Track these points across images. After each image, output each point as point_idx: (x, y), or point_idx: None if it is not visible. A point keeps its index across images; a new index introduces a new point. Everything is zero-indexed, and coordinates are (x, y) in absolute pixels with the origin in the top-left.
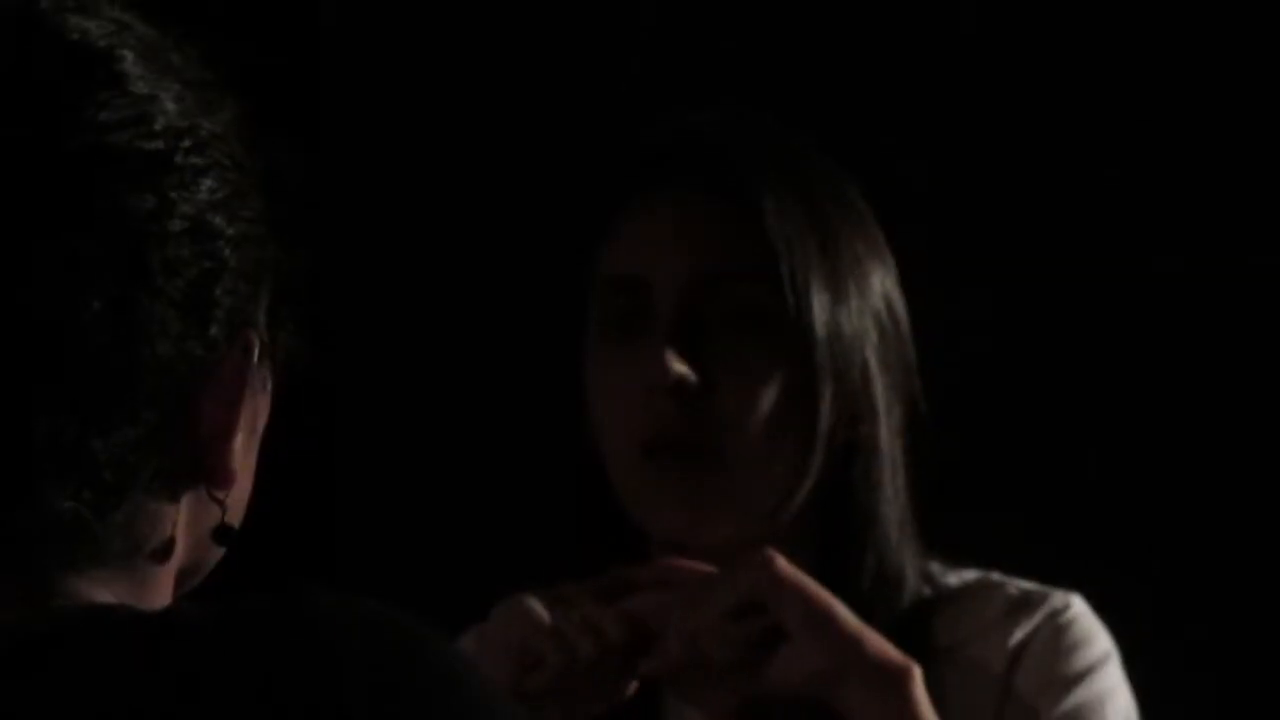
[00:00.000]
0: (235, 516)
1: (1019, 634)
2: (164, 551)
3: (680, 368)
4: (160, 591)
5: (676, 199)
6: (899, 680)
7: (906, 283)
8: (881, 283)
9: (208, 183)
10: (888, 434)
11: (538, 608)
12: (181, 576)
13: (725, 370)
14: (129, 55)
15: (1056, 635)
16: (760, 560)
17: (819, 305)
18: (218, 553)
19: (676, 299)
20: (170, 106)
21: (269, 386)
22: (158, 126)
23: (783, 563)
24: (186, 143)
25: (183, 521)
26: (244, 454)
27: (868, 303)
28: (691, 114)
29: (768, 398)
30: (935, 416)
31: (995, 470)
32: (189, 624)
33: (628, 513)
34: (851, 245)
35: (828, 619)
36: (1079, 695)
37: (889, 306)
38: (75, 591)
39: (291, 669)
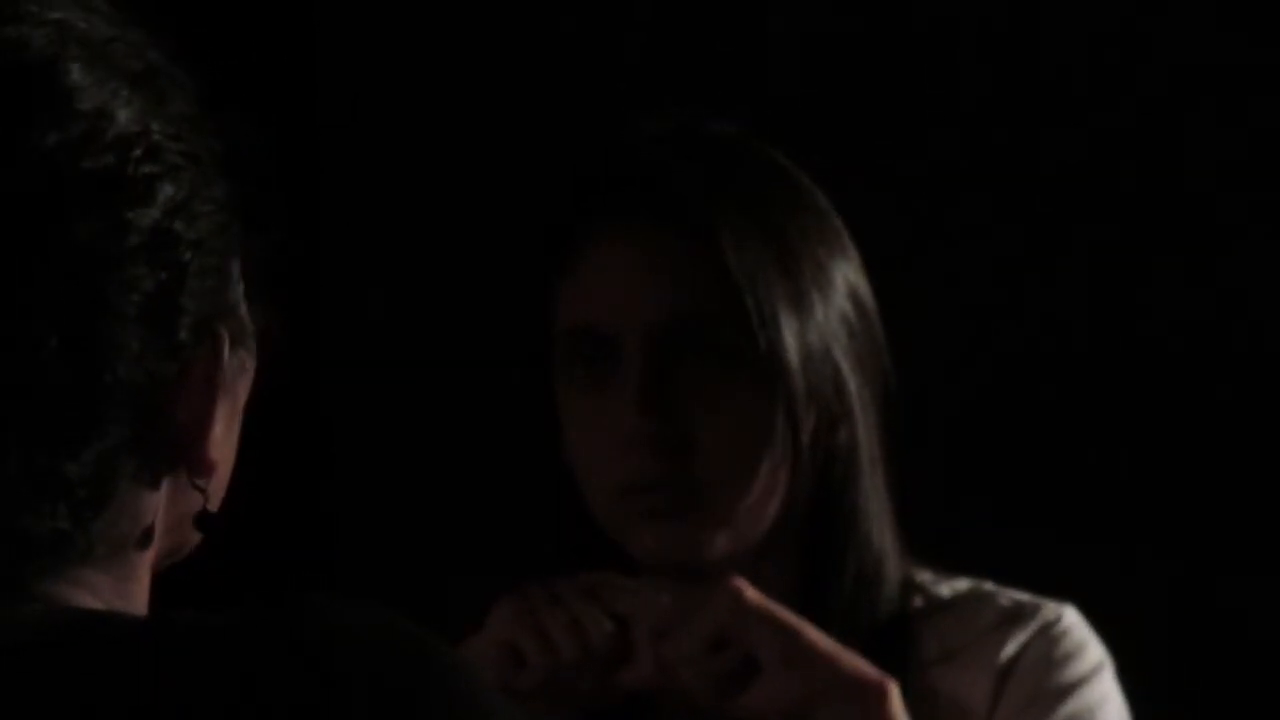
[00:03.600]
0: (216, 498)
1: (1011, 646)
2: (143, 541)
3: (653, 422)
4: (140, 579)
5: (633, 239)
6: (877, 697)
7: (899, 281)
8: (845, 278)
9: (165, 189)
10: (865, 433)
11: (527, 608)
12: (162, 557)
13: (699, 413)
14: (73, 66)
15: (1049, 647)
16: (727, 593)
17: (788, 333)
18: (198, 535)
19: (644, 349)
20: (119, 114)
21: (250, 366)
22: (106, 140)
23: (750, 594)
24: (138, 152)
25: (161, 507)
26: (223, 439)
27: (833, 306)
28: (634, 132)
29: (745, 433)
30: (927, 422)
31: (989, 476)
32: (186, 633)
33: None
34: (811, 252)
35: (799, 647)
36: (1070, 706)
37: (855, 299)
38: (57, 596)
39: (291, 678)
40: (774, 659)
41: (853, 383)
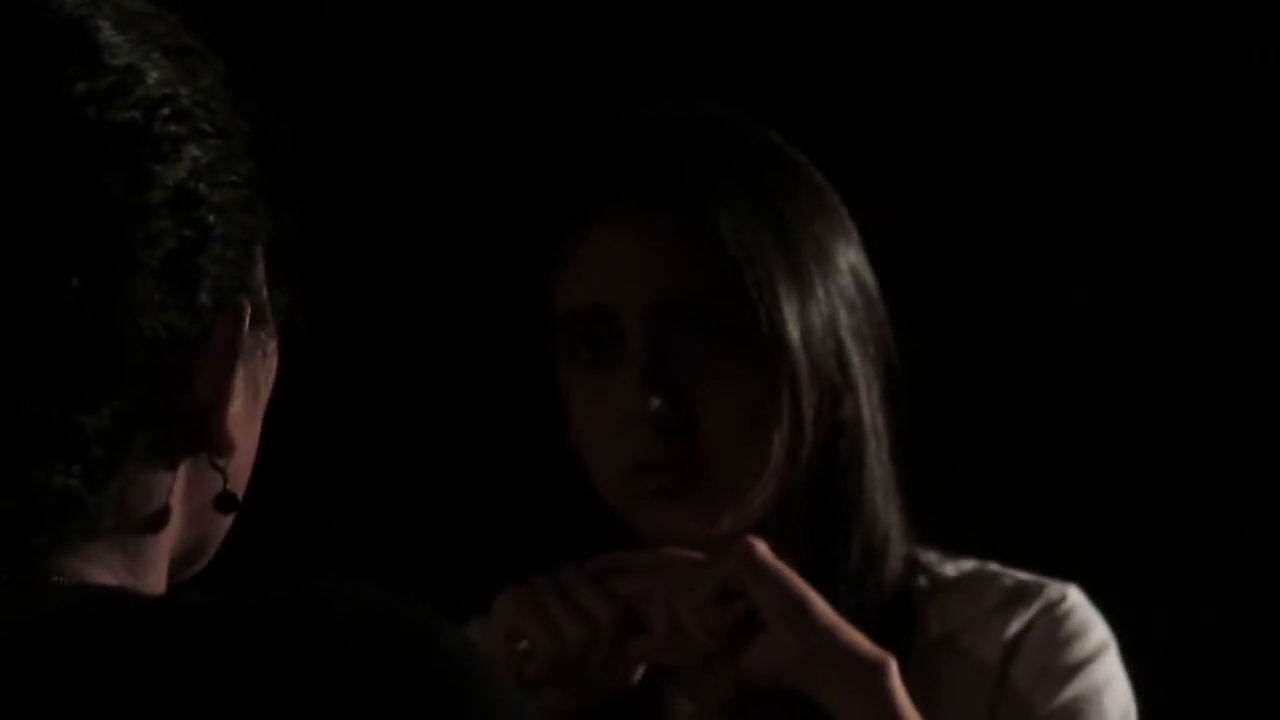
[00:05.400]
0: (238, 484)
1: (1015, 625)
2: (158, 521)
3: (657, 400)
4: (156, 563)
5: (630, 219)
6: (875, 673)
7: (898, 269)
8: (845, 255)
9: (190, 151)
10: (869, 408)
11: (529, 595)
12: (187, 550)
13: (703, 391)
14: (105, 25)
15: (1053, 626)
16: (740, 547)
17: (788, 310)
18: (224, 523)
19: (644, 329)
20: (149, 75)
21: (271, 351)
22: (135, 97)
23: (763, 550)
24: (165, 111)
25: (180, 490)
26: (245, 421)
27: (835, 283)
28: (631, 116)
29: (748, 410)
30: (934, 408)
31: (993, 460)
32: (195, 611)
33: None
34: (810, 230)
35: (803, 607)
36: (1076, 686)
37: (856, 276)
38: (71, 570)
39: (299, 658)
40: (777, 615)
41: (856, 357)
